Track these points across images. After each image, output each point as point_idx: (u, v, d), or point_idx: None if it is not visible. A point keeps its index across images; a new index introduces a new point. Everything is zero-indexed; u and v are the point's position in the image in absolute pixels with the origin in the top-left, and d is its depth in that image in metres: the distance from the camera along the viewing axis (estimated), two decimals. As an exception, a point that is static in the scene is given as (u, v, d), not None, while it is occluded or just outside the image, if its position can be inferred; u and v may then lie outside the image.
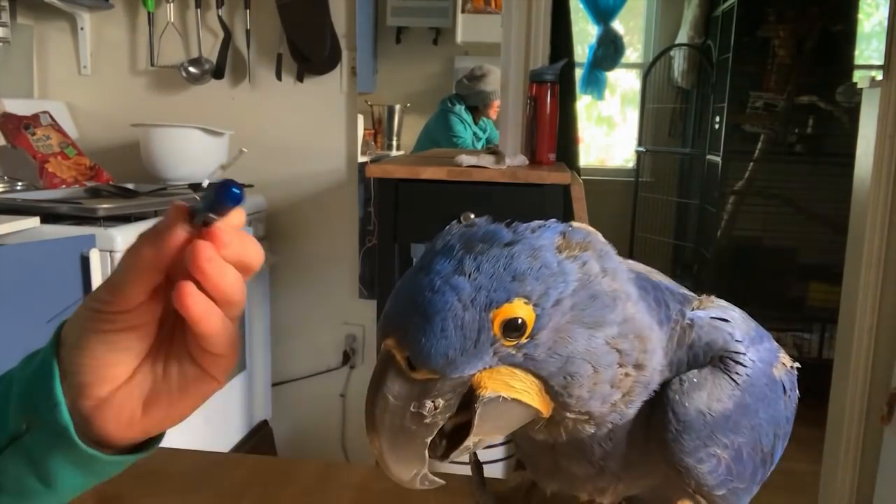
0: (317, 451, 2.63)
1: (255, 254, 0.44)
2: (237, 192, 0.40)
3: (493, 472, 2.04)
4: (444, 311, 0.40)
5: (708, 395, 0.47)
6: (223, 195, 0.40)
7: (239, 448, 2.24)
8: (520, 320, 0.41)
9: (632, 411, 0.47)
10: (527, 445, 0.53)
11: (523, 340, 0.41)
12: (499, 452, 2.12)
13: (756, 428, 0.50)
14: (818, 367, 3.11)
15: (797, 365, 0.56)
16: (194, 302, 0.41)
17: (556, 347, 0.42)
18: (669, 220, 4.08)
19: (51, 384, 0.42)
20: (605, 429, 0.47)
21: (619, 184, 4.09)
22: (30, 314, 1.48)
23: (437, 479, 0.45)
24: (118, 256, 1.62)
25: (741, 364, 0.49)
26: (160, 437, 0.48)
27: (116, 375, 0.43)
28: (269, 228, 2.40)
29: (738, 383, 0.49)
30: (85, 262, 1.56)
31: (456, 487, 0.69)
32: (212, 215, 0.41)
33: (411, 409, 0.42)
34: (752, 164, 3.60)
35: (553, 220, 0.46)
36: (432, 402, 0.42)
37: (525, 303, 0.41)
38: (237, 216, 0.42)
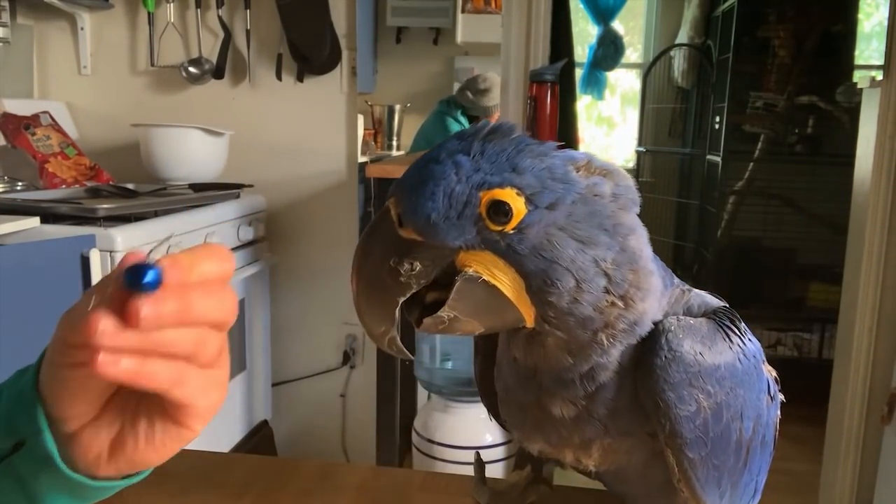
0: (317, 451, 2.63)
1: (211, 310, 0.39)
2: (149, 282, 0.36)
3: (494, 472, 2.04)
4: (438, 179, 0.43)
5: (702, 339, 0.48)
6: (133, 283, 0.36)
7: (239, 448, 2.24)
8: (507, 206, 0.43)
9: (615, 352, 0.47)
10: (512, 381, 0.52)
11: (509, 230, 0.43)
12: (499, 453, 2.12)
13: (740, 399, 0.49)
14: (818, 367, 3.12)
15: (776, 376, 0.57)
16: (114, 371, 0.35)
17: (541, 248, 0.43)
18: (669, 220, 4.08)
19: (33, 410, 0.40)
20: (587, 364, 0.47)
21: (619, 184, 4.09)
22: (30, 314, 1.48)
23: (404, 349, 0.48)
24: (118, 256, 1.62)
25: (735, 330, 0.51)
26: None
27: (80, 413, 0.40)
28: (269, 228, 2.40)
29: (730, 342, 0.50)
30: (85, 262, 1.56)
31: (456, 487, 0.69)
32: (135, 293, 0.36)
33: (390, 263, 0.44)
34: (752, 164, 3.59)
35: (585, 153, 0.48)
36: (410, 263, 0.44)
37: (517, 194, 0.43)
38: (215, 269, 0.40)
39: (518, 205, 0.43)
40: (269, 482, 0.69)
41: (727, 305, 0.54)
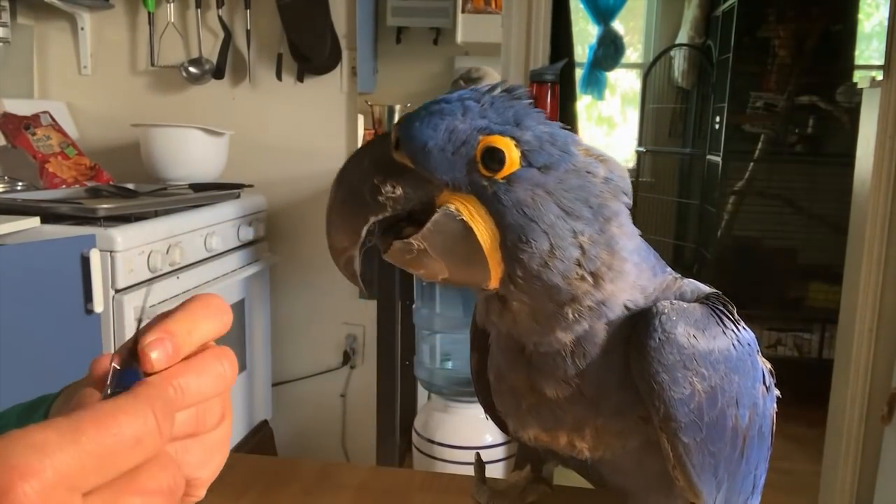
0: (317, 451, 2.63)
1: (209, 386, 0.34)
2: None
3: (494, 472, 2.04)
4: (444, 114, 0.45)
5: (695, 322, 0.48)
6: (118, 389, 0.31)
7: (239, 448, 2.24)
8: (502, 153, 0.44)
9: (580, 329, 0.47)
10: (503, 362, 0.52)
11: (498, 178, 0.44)
12: (499, 453, 2.12)
13: (735, 385, 0.49)
14: (818, 367, 3.12)
15: (771, 368, 0.57)
16: None
17: (524, 205, 0.44)
18: (669, 220, 4.08)
19: None
20: (558, 336, 0.47)
21: (620, 184, 4.09)
22: (30, 314, 1.48)
23: (359, 275, 0.47)
24: (118, 256, 1.62)
25: (729, 315, 0.51)
26: None
27: None
28: (269, 228, 2.40)
29: (724, 327, 0.50)
30: (85, 262, 1.56)
31: (456, 487, 0.69)
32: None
33: (374, 180, 0.45)
34: (752, 164, 3.60)
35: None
36: (393, 185, 0.45)
37: (515, 146, 0.45)
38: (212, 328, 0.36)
39: (513, 156, 0.44)
40: (269, 482, 0.69)
41: (719, 293, 0.54)
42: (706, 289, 0.54)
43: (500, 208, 0.44)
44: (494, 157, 0.44)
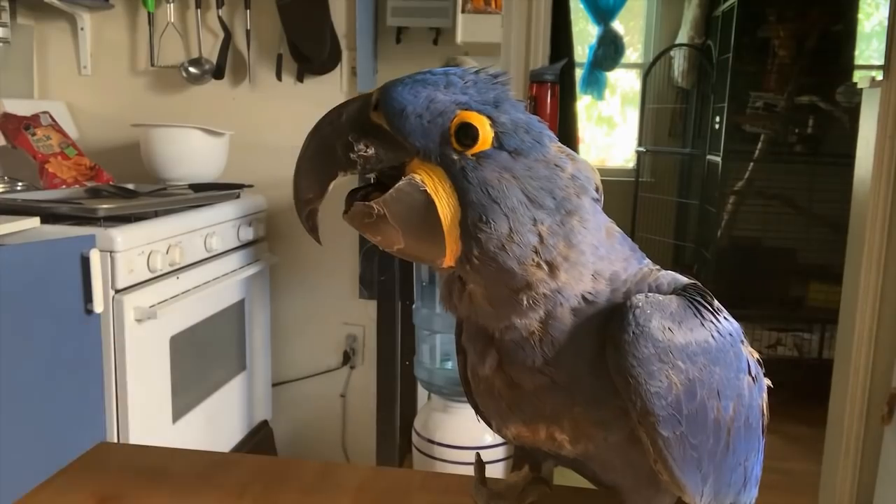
0: (317, 451, 2.63)
1: None
2: None
3: (494, 472, 2.04)
4: (427, 84, 0.46)
5: (671, 315, 0.48)
6: None
7: (239, 448, 2.24)
8: (475, 130, 0.45)
9: (536, 316, 0.47)
10: (475, 355, 0.52)
11: (468, 153, 0.45)
12: (499, 453, 2.12)
13: (715, 376, 0.49)
14: (818, 367, 3.12)
15: (759, 358, 0.57)
16: None
17: (489, 185, 0.45)
18: (669, 221, 4.08)
19: None
20: (527, 325, 0.47)
21: (620, 184, 4.09)
22: (30, 314, 1.48)
23: (317, 232, 0.49)
24: (118, 257, 1.62)
25: (707, 307, 0.51)
26: None
27: None
28: (269, 228, 2.40)
29: (702, 318, 0.50)
30: (85, 263, 1.56)
31: (456, 487, 0.69)
32: None
33: (349, 137, 0.45)
34: (752, 164, 3.59)
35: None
36: (366, 144, 0.45)
37: (490, 126, 0.45)
38: None
39: (486, 134, 0.45)
40: (269, 482, 0.69)
41: (697, 283, 0.54)
42: (684, 280, 0.54)
43: (465, 184, 0.45)
44: (468, 133, 0.45)
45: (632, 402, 0.47)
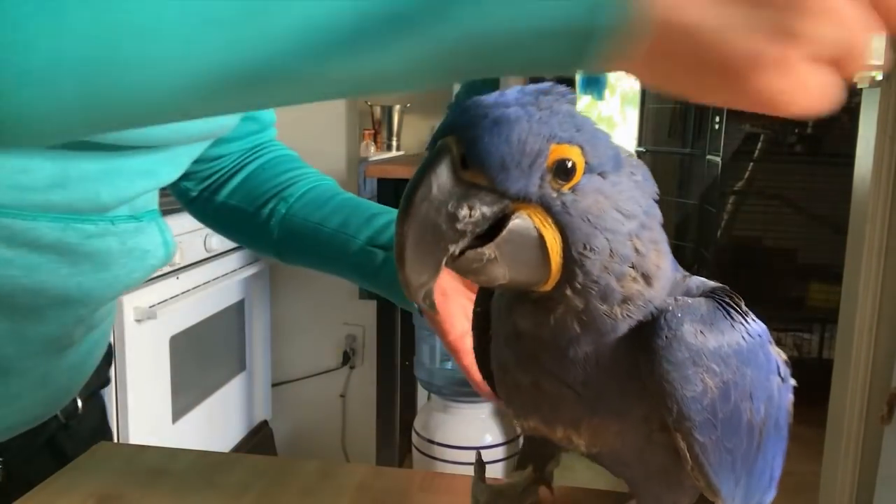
0: (317, 451, 2.63)
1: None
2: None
3: (494, 472, 2.04)
4: (513, 123, 0.41)
5: (702, 318, 0.48)
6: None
7: (239, 448, 2.24)
8: (571, 164, 0.43)
9: (624, 327, 0.46)
10: (511, 362, 0.52)
11: (566, 189, 0.43)
12: (499, 453, 2.12)
13: (748, 378, 0.49)
14: (818, 367, 3.12)
15: (786, 359, 0.56)
16: None
17: (589, 213, 0.43)
18: (669, 220, 4.07)
19: None
20: (589, 339, 0.46)
21: (619, 184, 4.10)
22: (30, 314, 1.48)
23: (435, 307, 0.45)
24: (118, 256, 1.62)
25: (737, 308, 0.50)
26: None
27: None
28: (269, 228, 2.40)
29: (732, 320, 0.49)
30: (85, 263, 1.56)
31: (456, 487, 0.69)
32: None
33: (449, 207, 0.41)
34: (752, 164, 3.60)
35: None
36: (470, 208, 0.41)
37: (581, 153, 0.43)
38: None
39: (580, 165, 0.43)
40: (269, 482, 0.69)
41: (726, 287, 0.54)
42: (712, 284, 0.54)
43: (568, 219, 0.43)
44: (564, 168, 0.43)
45: (667, 408, 0.46)
